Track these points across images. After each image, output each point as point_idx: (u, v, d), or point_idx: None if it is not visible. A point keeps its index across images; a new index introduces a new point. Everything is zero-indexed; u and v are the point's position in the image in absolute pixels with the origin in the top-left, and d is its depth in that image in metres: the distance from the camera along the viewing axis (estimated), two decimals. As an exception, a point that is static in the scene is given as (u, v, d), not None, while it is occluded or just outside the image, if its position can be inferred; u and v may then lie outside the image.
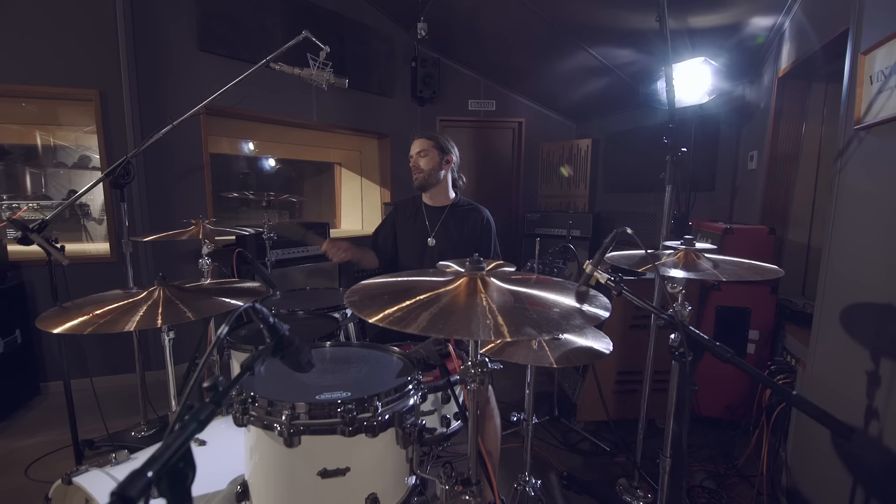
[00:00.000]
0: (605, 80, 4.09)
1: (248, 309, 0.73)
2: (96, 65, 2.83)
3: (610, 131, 4.67)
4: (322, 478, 0.94)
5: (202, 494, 1.15)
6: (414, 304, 0.80)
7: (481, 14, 3.88)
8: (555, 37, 3.80)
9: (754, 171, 3.03)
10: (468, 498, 0.97)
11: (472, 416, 0.99)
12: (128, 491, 0.47)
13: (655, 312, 0.96)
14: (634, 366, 2.48)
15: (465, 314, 0.74)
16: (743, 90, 3.23)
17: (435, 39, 4.20)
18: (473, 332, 0.68)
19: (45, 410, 2.72)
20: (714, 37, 2.97)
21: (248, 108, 3.46)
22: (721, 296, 2.46)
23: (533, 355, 1.13)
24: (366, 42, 4.17)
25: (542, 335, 0.68)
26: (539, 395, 2.93)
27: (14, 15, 2.64)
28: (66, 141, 3.46)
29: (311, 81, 2.18)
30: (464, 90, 4.83)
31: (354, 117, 4.24)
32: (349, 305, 0.86)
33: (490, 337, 0.66)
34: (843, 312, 1.61)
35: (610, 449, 2.40)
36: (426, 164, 2.06)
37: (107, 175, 2.06)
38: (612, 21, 3.33)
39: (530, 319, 0.72)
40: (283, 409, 0.91)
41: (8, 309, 2.61)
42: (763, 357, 2.40)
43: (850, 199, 1.62)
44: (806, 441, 1.83)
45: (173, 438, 0.54)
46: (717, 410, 2.50)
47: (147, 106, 3.02)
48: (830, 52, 2.18)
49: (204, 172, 3.30)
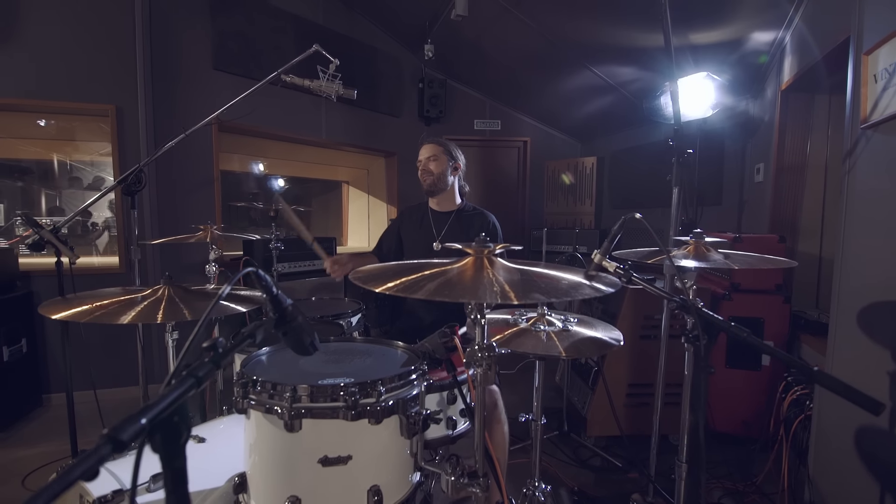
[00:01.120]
0: (608, 98, 4.16)
1: (251, 274, 0.72)
2: (114, 81, 2.93)
3: (614, 149, 4.71)
4: (323, 466, 0.90)
5: (199, 490, 1.11)
6: (421, 276, 0.79)
7: (486, 36, 3.99)
8: (558, 57, 3.89)
9: (761, 183, 3.02)
10: (476, 490, 0.93)
11: (478, 405, 0.95)
12: (119, 434, 0.45)
13: (667, 296, 0.94)
14: (645, 378, 2.42)
15: (472, 283, 0.73)
16: (746, 105, 3.26)
17: (441, 61, 4.32)
18: (480, 297, 0.66)
19: (46, 422, 2.69)
20: (716, 53, 3.02)
21: (258, 124, 3.55)
22: (732, 306, 2.41)
23: (542, 346, 1.10)
24: (374, 63, 4.29)
25: (551, 299, 0.66)
26: (547, 411, 2.84)
27: (36, 31, 2.76)
28: (82, 163, 3.55)
29: (321, 93, 2.24)
30: (470, 110, 4.92)
31: (362, 135, 4.32)
32: (354, 281, 0.84)
33: (496, 300, 0.64)
34: (860, 314, 1.56)
35: (622, 465, 2.31)
36: (436, 168, 2.08)
37: (120, 182, 2.09)
38: (614, 40, 3.41)
39: (538, 287, 0.70)
40: (284, 391, 0.89)
41: (16, 317, 2.62)
42: (779, 368, 2.33)
43: (861, 199, 1.60)
44: (829, 453, 1.74)
45: (170, 391, 0.53)
46: (734, 426, 2.41)
47: (161, 121, 3.10)
48: (832, 61, 2.21)
49: (214, 187, 3.35)
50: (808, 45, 2.40)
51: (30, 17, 2.74)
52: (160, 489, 1.05)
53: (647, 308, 2.43)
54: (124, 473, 1.10)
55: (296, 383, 0.91)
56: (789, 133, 2.77)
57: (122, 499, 1.00)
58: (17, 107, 2.88)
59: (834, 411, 1.70)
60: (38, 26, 2.76)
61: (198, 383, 0.57)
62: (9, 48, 2.71)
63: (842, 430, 1.63)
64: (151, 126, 3.06)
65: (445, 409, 1.42)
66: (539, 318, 1.21)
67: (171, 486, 0.53)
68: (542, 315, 1.21)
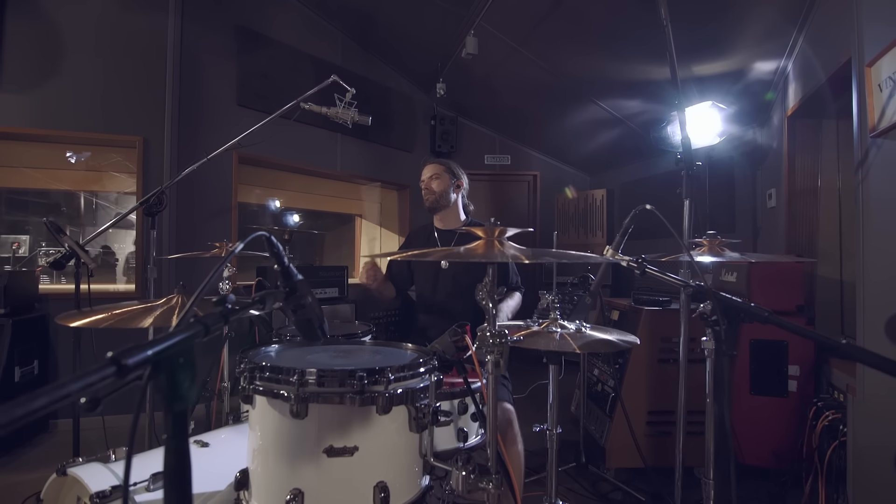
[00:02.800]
0: (615, 131, 4.25)
1: (262, 239, 0.73)
2: (143, 114, 3.11)
3: (623, 180, 4.76)
4: (328, 456, 0.87)
5: (200, 493, 1.07)
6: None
7: (495, 75, 4.17)
8: (565, 93, 4.03)
9: (774, 208, 3.01)
10: (490, 486, 0.88)
11: (490, 395, 0.92)
12: (124, 357, 0.45)
13: (682, 283, 0.92)
14: (666, 405, 2.31)
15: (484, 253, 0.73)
16: (753, 134, 3.30)
17: (452, 99, 4.50)
18: (491, 258, 0.66)
19: (51, 447, 2.64)
20: (720, 83, 3.11)
21: (276, 156, 3.69)
22: (753, 329, 2.33)
23: (555, 344, 1.07)
24: (388, 101, 4.49)
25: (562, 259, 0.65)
26: (564, 444, 2.72)
27: (77, 67, 2.96)
28: (107, 201, 3.70)
29: (338, 119, 2.35)
30: (480, 146, 5.06)
31: (376, 169, 4.45)
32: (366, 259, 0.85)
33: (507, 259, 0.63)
34: (888, 323, 1.50)
35: (646, 499, 2.16)
36: (438, 187, 2.13)
37: (142, 203, 2.18)
38: (619, 74, 3.54)
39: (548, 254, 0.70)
40: (292, 374, 0.87)
41: (31, 338, 2.64)
42: (807, 394, 2.21)
43: (877, 206, 1.58)
44: (868, 480, 1.62)
45: (177, 332, 0.52)
46: (763, 458, 2.26)
47: (185, 152, 3.24)
48: (837, 83, 2.24)
49: (232, 215, 3.44)
50: (812, 68, 2.45)
51: (73, 55, 2.95)
52: (160, 489, 1.02)
53: (663, 330, 2.36)
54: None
55: (304, 367, 0.89)
56: (799, 158, 2.78)
57: (119, 494, 0.96)
58: (52, 137, 3.05)
59: (870, 431, 1.59)
60: (80, 63, 2.97)
61: (206, 331, 0.56)
62: (54, 81, 2.92)
63: (880, 452, 1.53)
64: (175, 156, 3.20)
65: (457, 419, 1.37)
66: (552, 322, 1.19)
67: (172, 433, 0.51)
68: (555, 319, 1.19)
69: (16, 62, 2.85)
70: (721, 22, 2.75)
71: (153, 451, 1.25)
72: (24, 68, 2.86)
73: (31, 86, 2.89)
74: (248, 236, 0.72)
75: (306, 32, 3.96)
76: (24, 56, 2.87)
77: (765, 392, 2.30)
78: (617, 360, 2.53)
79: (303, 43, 3.89)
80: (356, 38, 4.24)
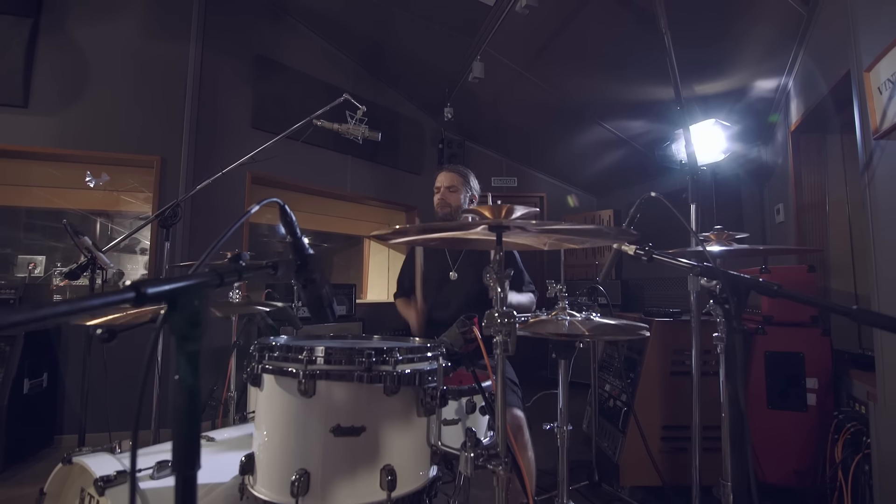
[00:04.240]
0: (621, 152, 4.31)
1: (276, 205, 0.75)
2: (162, 135, 3.23)
3: (630, 201, 4.76)
4: (335, 435, 0.86)
5: (204, 483, 1.06)
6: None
7: (502, 99, 4.29)
8: (571, 115, 4.12)
9: (783, 223, 3.00)
10: (500, 469, 0.86)
11: (499, 377, 0.91)
12: (144, 287, 0.46)
13: (689, 265, 0.92)
14: (680, 419, 2.24)
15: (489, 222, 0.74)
16: (758, 152, 3.33)
17: (460, 123, 4.62)
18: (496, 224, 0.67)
19: (54, 462, 2.59)
20: (723, 102, 3.16)
21: (288, 177, 3.79)
22: (768, 340, 2.28)
23: (564, 329, 1.07)
24: (397, 126, 4.62)
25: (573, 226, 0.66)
26: (576, 463, 2.63)
27: (102, 91, 3.11)
28: (122, 226, 3.78)
29: (349, 134, 2.44)
30: (487, 168, 5.14)
31: (384, 190, 4.53)
32: (372, 240, 0.86)
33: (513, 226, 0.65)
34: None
35: (662, 518, 2.07)
36: (454, 201, 2.14)
37: (158, 215, 2.24)
38: (623, 95, 3.62)
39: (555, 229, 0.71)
40: (300, 352, 0.87)
41: (41, 351, 2.66)
42: (827, 408, 2.14)
43: (885, 207, 1.57)
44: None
45: (193, 276, 0.54)
46: (786, 477, 2.17)
47: (200, 171, 3.34)
48: (840, 94, 2.27)
49: (243, 231, 3.50)
50: (813, 83, 2.50)
51: (98, 79, 3.11)
52: (164, 476, 1.01)
53: (675, 342, 2.32)
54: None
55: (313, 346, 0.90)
56: (805, 172, 2.79)
57: (124, 479, 0.95)
58: (75, 157, 3.16)
59: (894, 438, 1.53)
60: (104, 87, 3.12)
61: (220, 280, 0.58)
62: (79, 104, 3.06)
63: (908, 459, 1.46)
64: (191, 175, 3.29)
65: (464, 418, 1.35)
66: (560, 310, 1.19)
67: (184, 371, 0.52)
68: (564, 308, 1.19)
69: (46, 85, 3.00)
70: (722, 42, 2.83)
71: (158, 445, 1.24)
72: (52, 91, 3.01)
73: (58, 108, 3.04)
74: (260, 253, 0.75)
75: (320, 60, 4.13)
76: (54, 80, 3.02)
77: (783, 406, 2.23)
78: (629, 374, 2.48)
79: (316, 70, 4.06)
80: (367, 65, 4.41)
